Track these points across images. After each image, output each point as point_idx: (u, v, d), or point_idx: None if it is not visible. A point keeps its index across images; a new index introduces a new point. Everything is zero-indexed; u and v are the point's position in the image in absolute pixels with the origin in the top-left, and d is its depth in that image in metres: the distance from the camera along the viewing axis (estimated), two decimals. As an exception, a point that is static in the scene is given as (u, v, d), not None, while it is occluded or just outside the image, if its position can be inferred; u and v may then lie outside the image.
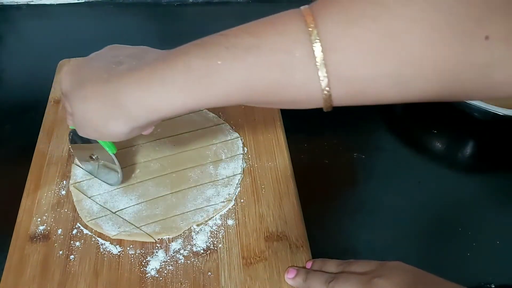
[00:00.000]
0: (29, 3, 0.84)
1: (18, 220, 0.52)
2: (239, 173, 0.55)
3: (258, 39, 0.31)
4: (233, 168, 0.55)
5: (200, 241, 0.49)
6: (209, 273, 0.47)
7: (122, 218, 0.51)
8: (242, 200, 0.53)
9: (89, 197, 0.53)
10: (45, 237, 0.50)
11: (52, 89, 0.65)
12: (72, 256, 0.49)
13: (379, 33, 0.29)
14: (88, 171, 0.55)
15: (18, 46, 0.78)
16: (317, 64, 0.30)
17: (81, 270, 0.48)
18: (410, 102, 0.32)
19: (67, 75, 0.41)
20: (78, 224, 0.51)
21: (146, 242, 0.50)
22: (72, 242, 0.50)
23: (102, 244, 0.50)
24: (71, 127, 0.49)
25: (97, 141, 0.47)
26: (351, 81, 0.30)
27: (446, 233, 0.53)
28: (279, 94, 0.32)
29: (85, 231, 0.51)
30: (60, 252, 0.49)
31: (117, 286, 0.46)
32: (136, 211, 0.52)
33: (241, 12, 0.82)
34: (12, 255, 0.49)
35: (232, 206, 0.52)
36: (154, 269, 0.48)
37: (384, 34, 0.28)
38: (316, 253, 0.49)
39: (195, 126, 0.60)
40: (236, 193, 0.53)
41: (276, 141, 0.58)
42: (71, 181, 0.55)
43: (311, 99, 0.32)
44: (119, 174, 0.51)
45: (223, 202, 0.52)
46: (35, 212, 0.52)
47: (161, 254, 0.49)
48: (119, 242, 0.50)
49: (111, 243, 0.50)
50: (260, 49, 0.31)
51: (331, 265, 0.45)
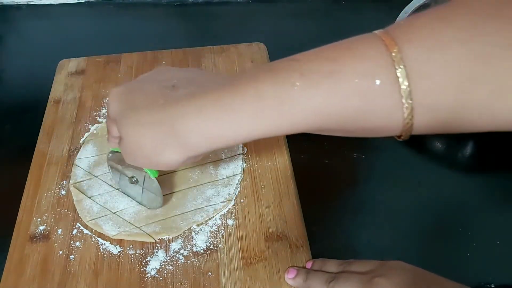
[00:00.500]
0: (29, 3, 0.84)
1: (18, 220, 0.52)
2: (239, 173, 0.55)
3: (336, 64, 0.30)
4: (233, 168, 0.55)
5: (200, 241, 0.49)
6: (209, 273, 0.47)
7: (122, 218, 0.51)
8: (242, 200, 0.53)
9: (89, 197, 0.53)
10: (45, 237, 0.50)
11: (52, 89, 0.65)
12: (72, 256, 0.49)
13: (472, 59, 0.27)
14: (127, 194, 0.53)
15: (18, 46, 0.79)
16: (401, 91, 0.28)
17: (81, 270, 0.48)
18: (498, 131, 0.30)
19: (116, 98, 0.38)
20: (78, 224, 0.51)
21: (146, 242, 0.50)
22: (72, 242, 0.50)
23: (102, 244, 0.50)
24: (111, 149, 0.49)
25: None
26: (437, 109, 0.28)
27: (446, 233, 0.53)
28: (357, 122, 0.31)
29: (85, 231, 0.51)
30: (60, 252, 0.49)
31: (117, 286, 0.46)
32: (136, 211, 0.52)
33: (241, 12, 0.82)
34: (12, 255, 0.49)
35: (232, 206, 0.52)
36: (154, 269, 0.48)
37: (477, 60, 0.27)
38: (316, 253, 0.49)
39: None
40: (236, 193, 0.53)
41: (276, 141, 0.58)
42: (71, 181, 0.55)
43: (389, 128, 0.30)
44: (159, 198, 0.50)
45: (223, 202, 0.52)
46: (35, 212, 0.52)
47: (161, 254, 0.49)
48: (119, 242, 0.50)
49: (111, 243, 0.50)
50: (339, 74, 0.29)
51: (331, 265, 0.45)
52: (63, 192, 0.54)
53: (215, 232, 0.50)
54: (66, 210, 0.52)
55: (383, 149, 0.61)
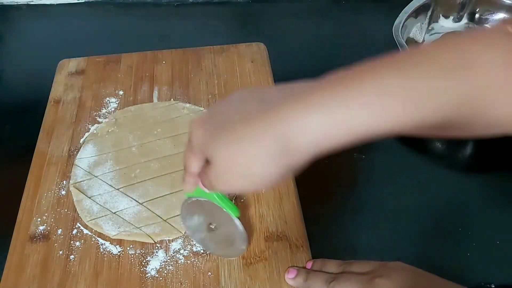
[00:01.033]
0: (29, 3, 0.84)
1: (18, 220, 0.52)
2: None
3: (466, 53, 0.29)
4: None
5: (200, 241, 0.49)
6: (209, 273, 0.47)
7: (122, 218, 0.51)
8: (242, 200, 0.53)
9: (89, 197, 0.53)
10: (45, 237, 0.50)
11: (52, 89, 0.65)
12: (72, 256, 0.49)
13: None
14: (203, 246, 0.48)
15: (18, 46, 0.79)
16: None
17: (81, 270, 0.48)
18: None
19: (200, 125, 0.35)
20: (78, 224, 0.51)
21: (146, 242, 0.50)
22: (72, 242, 0.50)
23: (102, 244, 0.50)
24: (186, 195, 0.43)
25: (214, 208, 0.42)
26: None
27: (446, 233, 0.53)
28: (489, 114, 0.29)
29: (85, 231, 0.51)
30: (60, 252, 0.49)
31: (117, 286, 0.46)
32: (136, 212, 0.52)
33: (241, 12, 0.82)
34: (12, 255, 0.49)
35: (232, 206, 0.52)
36: (154, 269, 0.48)
37: None
38: (316, 253, 0.49)
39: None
40: (236, 193, 0.53)
41: (276, 141, 0.58)
42: (71, 181, 0.55)
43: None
44: (244, 242, 0.45)
45: (223, 202, 0.52)
46: (35, 212, 0.52)
47: (161, 254, 0.49)
48: (119, 242, 0.50)
49: (111, 243, 0.50)
50: (474, 65, 0.28)
51: (332, 265, 0.45)
52: (63, 192, 0.54)
53: (215, 232, 0.50)
54: (66, 210, 0.52)
55: (383, 149, 0.61)
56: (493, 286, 0.48)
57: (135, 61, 0.69)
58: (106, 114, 0.62)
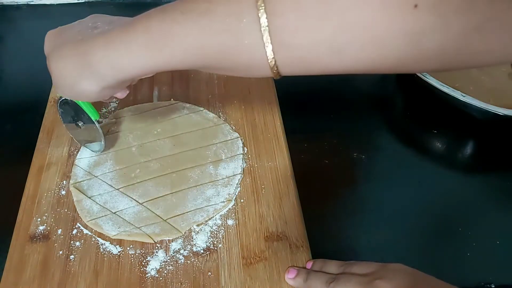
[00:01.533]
0: (29, 3, 0.84)
1: (18, 220, 0.52)
2: (239, 173, 0.55)
3: (211, 4, 0.33)
4: (233, 168, 0.55)
5: (200, 241, 0.49)
6: (209, 273, 0.47)
7: (122, 218, 0.51)
8: (242, 200, 0.53)
9: (89, 197, 0.53)
10: (45, 237, 0.50)
11: (52, 89, 0.65)
12: (72, 256, 0.49)
13: None
14: (75, 139, 0.57)
15: (18, 46, 0.78)
16: (262, 29, 0.31)
17: (81, 270, 0.48)
18: (352, 73, 0.33)
19: (49, 38, 0.45)
20: (78, 224, 0.51)
21: (146, 242, 0.50)
22: (72, 242, 0.50)
23: (102, 244, 0.50)
24: (58, 95, 0.52)
25: (81, 107, 0.50)
26: (292, 47, 0.31)
27: (446, 233, 0.53)
28: (229, 59, 0.34)
29: (85, 231, 0.51)
30: (60, 252, 0.49)
31: (117, 286, 0.46)
32: (136, 212, 0.52)
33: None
34: (12, 255, 0.49)
35: (232, 206, 0.52)
36: (154, 269, 0.47)
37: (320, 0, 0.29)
38: (316, 253, 0.49)
39: (195, 126, 0.60)
40: (236, 193, 0.53)
41: (276, 141, 0.58)
42: (71, 181, 0.55)
43: (259, 66, 0.33)
44: (102, 142, 0.54)
45: (223, 202, 0.52)
46: (35, 212, 0.52)
47: (161, 254, 0.49)
48: (119, 242, 0.50)
49: (111, 243, 0.50)
50: (212, 14, 0.33)
51: (332, 266, 0.45)
52: (63, 192, 0.54)
53: (215, 232, 0.50)
54: (66, 210, 0.52)
55: (383, 149, 0.61)
56: (493, 286, 0.48)
57: (135, 61, 0.69)
58: (106, 114, 0.62)
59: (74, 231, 0.51)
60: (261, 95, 0.63)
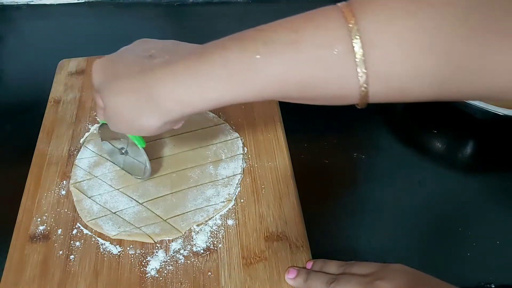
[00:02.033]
0: (29, 3, 0.84)
1: (18, 220, 0.52)
2: (239, 173, 0.55)
3: (297, 34, 0.31)
4: (233, 168, 0.55)
5: (200, 241, 0.49)
6: (209, 273, 0.47)
7: (122, 218, 0.51)
8: (242, 200, 0.53)
9: (89, 197, 0.53)
10: (45, 237, 0.50)
11: (52, 89, 0.65)
12: (72, 256, 0.49)
13: (420, 30, 0.29)
14: (117, 165, 0.56)
15: (18, 46, 0.79)
16: (357, 60, 0.30)
17: (81, 270, 0.48)
18: (445, 101, 0.32)
19: (99, 69, 0.41)
20: (78, 224, 0.51)
21: (146, 242, 0.50)
22: (72, 242, 0.50)
23: (102, 244, 0.50)
24: (100, 121, 0.51)
25: (126, 135, 0.49)
26: (390, 78, 0.30)
27: (446, 233, 0.53)
28: (316, 89, 0.33)
29: (85, 231, 0.51)
30: (60, 252, 0.49)
31: (117, 286, 0.46)
32: (136, 212, 0.52)
33: (241, 12, 0.82)
34: (12, 255, 0.49)
35: (232, 206, 0.52)
36: (154, 269, 0.48)
37: (425, 32, 0.29)
38: (316, 253, 0.49)
39: (195, 126, 0.60)
40: (236, 193, 0.53)
41: (276, 141, 0.58)
42: (71, 181, 0.55)
43: (347, 95, 0.32)
44: (147, 168, 0.52)
45: (223, 202, 0.52)
46: (35, 212, 0.52)
47: (161, 254, 0.49)
48: (119, 242, 0.50)
49: (111, 243, 0.50)
50: (299, 44, 0.31)
51: (332, 266, 0.45)
52: (63, 192, 0.54)
53: (215, 232, 0.50)
54: (66, 210, 0.52)
55: (383, 149, 0.61)
56: (493, 286, 0.48)
57: (135, 61, 0.69)
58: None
59: (74, 231, 0.51)
60: (261, 95, 0.63)
